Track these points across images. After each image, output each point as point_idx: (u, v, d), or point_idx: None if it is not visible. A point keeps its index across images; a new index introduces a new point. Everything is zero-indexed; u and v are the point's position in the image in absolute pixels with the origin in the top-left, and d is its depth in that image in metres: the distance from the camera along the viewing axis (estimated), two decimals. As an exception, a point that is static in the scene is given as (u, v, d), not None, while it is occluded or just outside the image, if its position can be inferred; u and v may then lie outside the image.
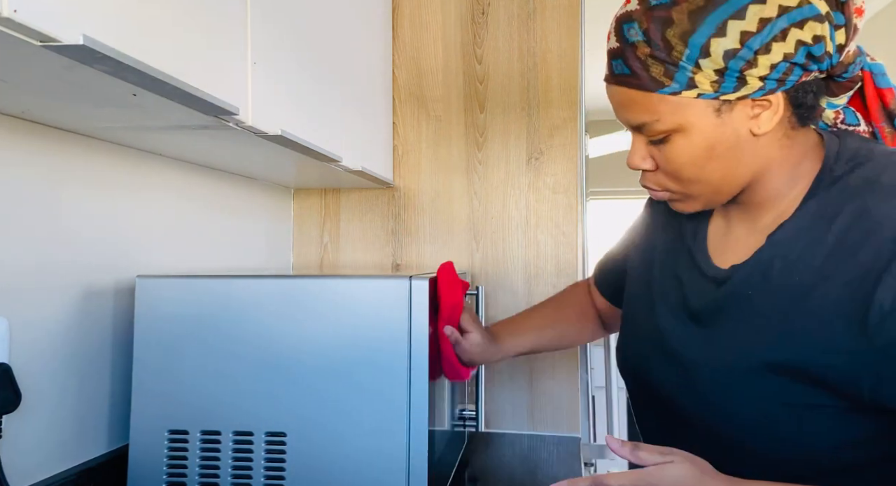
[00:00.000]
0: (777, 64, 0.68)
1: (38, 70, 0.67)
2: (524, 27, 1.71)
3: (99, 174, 1.08)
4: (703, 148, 0.73)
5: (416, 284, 1.00)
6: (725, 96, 0.70)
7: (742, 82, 0.69)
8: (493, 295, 1.71)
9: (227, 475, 1.00)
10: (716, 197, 0.79)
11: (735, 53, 0.68)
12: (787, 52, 0.68)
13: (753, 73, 0.69)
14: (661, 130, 0.74)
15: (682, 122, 0.72)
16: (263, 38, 0.99)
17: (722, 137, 0.72)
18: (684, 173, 0.76)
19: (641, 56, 0.71)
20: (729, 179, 0.76)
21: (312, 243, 1.81)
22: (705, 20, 0.68)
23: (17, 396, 0.85)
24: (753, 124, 0.72)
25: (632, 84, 0.73)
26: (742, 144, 0.73)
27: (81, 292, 1.04)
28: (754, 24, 0.67)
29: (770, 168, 0.76)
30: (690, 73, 0.69)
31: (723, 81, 0.69)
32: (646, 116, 0.74)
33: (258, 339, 1.01)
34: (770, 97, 0.71)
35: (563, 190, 1.70)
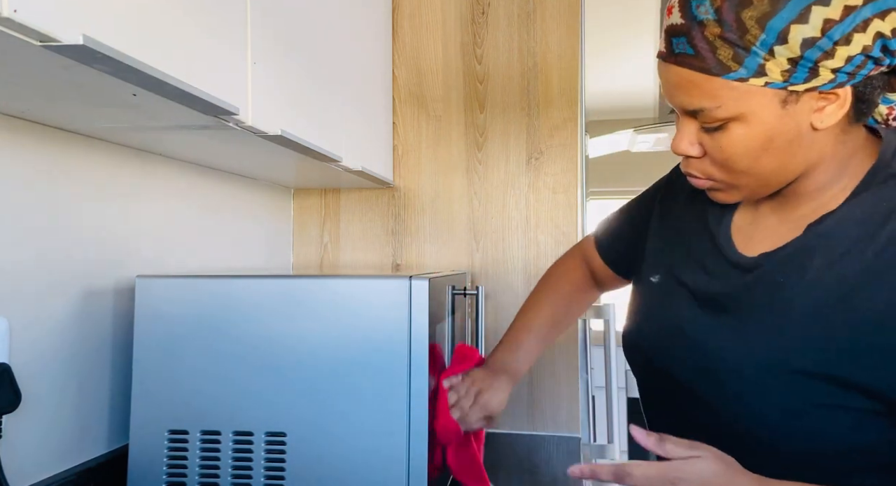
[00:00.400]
0: (854, 57, 0.64)
1: (38, 70, 0.67)
2: (524, 27, 1.71)
3: (99, 174, 1.08)
4: (761, 139, 0.69)
5: (416, 284, 1.00)
6: (794, 87, 0.66)
7: (814, 74, 0.65)
8: (493, 295, 1.70)
9: (227, 475, 1.00)
10: (761, 190, 0.75)
11: (814, 42, 0.63)
12: (867, 43, 0.63)
13: (828, 64, 0.64)
14: (721, 117, 0.69)
15: (745, 110, 0.68)
16: (263, 38, 0.99)
17: (783, 129, 0.68)
18: (736, 164, 0.72)
19: (710, 36, 0.66)
20: (780, 172, 0.72)
21: (312, 243, 1.81)
22: (788, 4, 0.63)
23: (17, 396, 0.85)
24: (816, 118, 0.68)
25: (694, 66, 0.68)
26: (801, 138, 0.69)
27: (81, 292, 1.04)
28: (838, 11, 0.62)
29: (819, 163, 0.72)
30: (762, 59, 0.65)
31: (795, 70, 0.65)
32: (706, 101, 0.69)
33: (258, 339, 1.01)
34: (838, 90, 0.67)
35: (562, 190, 1.70)
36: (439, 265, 1.74)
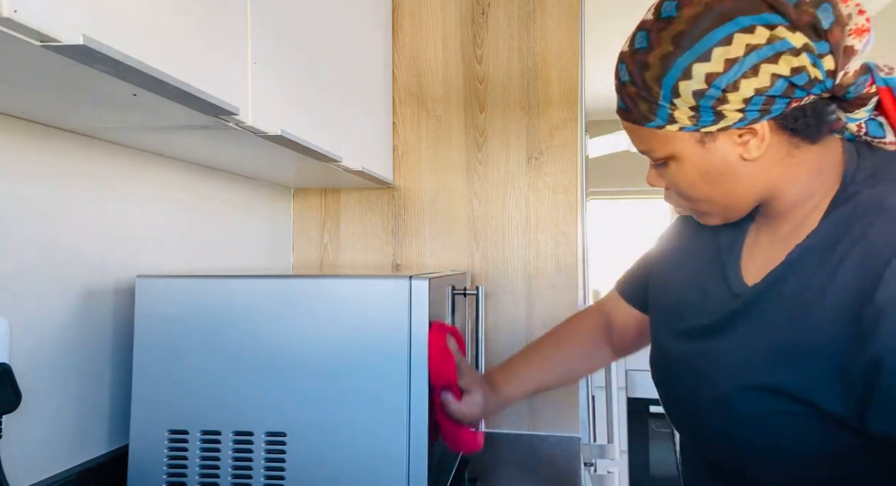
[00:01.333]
0: (750, 98, 0.71)
1: (38, 70, 0.67)
2: (524, 27, 1.71)
3: (99, 174, 1.08)
4: (696, 174, 0.78)
5: (416, 284, 1.00)
6: (706, 128, 0.75)
7: (719, 116, 0.73)
8: (493, 295, 1.70)
9: (227, 475, 1.00)
10: (729, 213, 0.82)
11: (703, 93, 0.72)
12: (759, 86, 0.71)
13: (727, 107, 0.72)
14: (657, 158, 0.80)
15: (672, 151, 0.78)
16: (263, 38, 0.99)
17: (710, 164, 0.77)
18: (688, 194, 0.81)
19: (631, 94, 0.78)
20: (733, 198, 0.79)
21: (312, 243, 1.81)
22: (674, 64, 0.72)
23: (17, 396, 0.85)
24: (742, 151, 0.75)
25: (628, 118, 0.80)
26: (735, 169, 0.77)
27: (81, 293, 1.04)
28: (720, 65, 0.70)
29: (779, 185, 0.78)
30: (669, 109, 0.75)
31: (699, 115, 0.74)
32: (643, 145, 0.81)
33: (258, 339, 1.01)
34: (755, 126, 0.74)
35: (563, 190, 1.70)
36: (439, 265, 1.74)
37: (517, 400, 1.15)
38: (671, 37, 0.73)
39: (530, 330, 1.69)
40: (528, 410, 1.68)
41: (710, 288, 0.86)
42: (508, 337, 1.70)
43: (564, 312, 1.68)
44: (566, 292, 1.69)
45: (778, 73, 0.70)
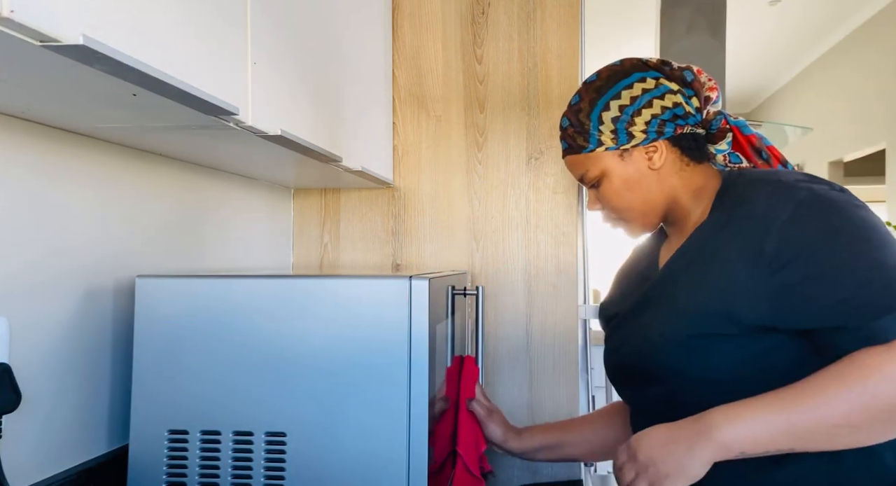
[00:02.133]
0: (649, 121, 1.04)
1: (38, 70, 0.67)
2: (524, 27, 1.71)
3: (99, 174, 1.08)
4: (619, 183, 1.07)
5: (416, 284, 1.00)
6: (623, 146, 1.05)
7: (630, 136, 1.04)
8: (493, 295, 1.70)
9: (227, 475, 1.00)
10: (646, 219, 1.09)
11: (619, 118, 1.04)
12: (654, 113, 1.04)
13: (635, 128, 1.04)
14: (592, 177, 1.08)
15: (602, 168, 1.07)
16: (263, 38, 0.99)
17: (629, 173, 1.06)
18: (616, 204, 1.08)
19: (570, 134, 1.09)
20: (648, 203, 1.07)
21: (312, 243, 1.81)
22: (598, 103, 1.06)
23: (17, 396, 0.85)
24: (650, 163, 1.05)
25: (569, 152, 1.10)
26: (647, 177, 1.06)
27: (81, 293, 1.04)
28: (627, 99, 1.04)
29: (677, 193, 1.07)
30: (597, 135, 1.06)
31: (617, 137, 1.05)
32: (581, 170, 1.10)
33: (258, 339, 1.01)
34: (656, 144, 1.05)
35: (563, 190, 1.70)
36: (439, 265, 1.74)
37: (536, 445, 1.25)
38: (595, 89, 1.07)
39: (530, 330, 1.69)
40: (528, 410, 1.68)
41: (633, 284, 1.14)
42: (508, 337, 1.70)
43: (564, 312, 1.69)
44: (566, 292, 1.69)
45: (665, 105, 1.04)
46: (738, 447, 0.87)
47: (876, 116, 4.68)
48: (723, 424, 0.87)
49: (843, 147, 5.20)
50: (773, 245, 0.91)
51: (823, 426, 0.84)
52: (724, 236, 0.97)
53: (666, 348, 0.99)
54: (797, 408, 0.85)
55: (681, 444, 0.90)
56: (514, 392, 1.69)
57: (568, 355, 1.68)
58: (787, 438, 0.86)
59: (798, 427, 0.85)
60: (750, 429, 0.86)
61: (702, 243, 1.01)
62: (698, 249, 1.01)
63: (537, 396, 1.68)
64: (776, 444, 0.86)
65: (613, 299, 1.20)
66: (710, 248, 0.99)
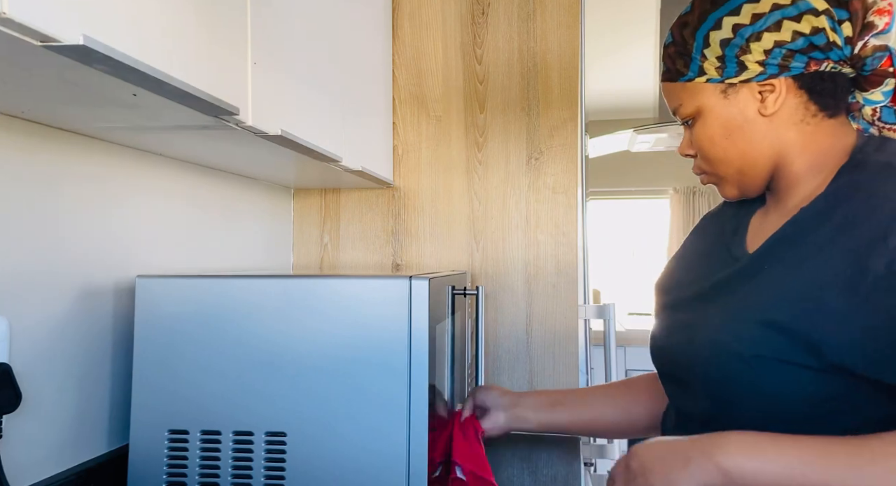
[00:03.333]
0: (770, 50, 0.80)
1: (38, 70, 0.67)
2: (524, 27, 1.71)
3: (99, 174, 1.08)
4: (717, 127, 0.85)
5: (416, 284, 1.00)
6: (730, 80, 0.83)
7: (742, 67, 0.82)
8: (493, 295, 1.70)
9: (227, 475, 1.00)
10: (743, 179, 0.87)
11: (729, 41, 0.81)
12: (779, 39, 0.79)
13: (749, 58, 0.81)
14: (686, 113, 0.88)
15: (698, 104, 0.86)
16: (263, 38, 0.99)
17: (730, 116, 0.84)
18: (708, 152, 0.88)
19: (671, 53, 0.88)
20: (748, 158, 0.85)
21: (312, 243, 1.81)
22: (707, 18, 0.84)
23: (17, 396, 0.85)
24: (761, 106, 0.83)
25: (665, 78, 0.90)
26: (752, 124, 0.83)
27: (81, 292, 1.04)
28: (747, 17, 0.81)
29: (789, 151, 0.84)
30: (699, 61, 0.84)
31: (724, 66, 0.83)
32: (675, 102, 0.90)
33: (258, 339, 1.01)
34: (773, 81, 0.82)
35: (563, 190, 1.70)
36: (439, 265, 1.74)
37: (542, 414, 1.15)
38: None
39: (530, 330, 1.69)
40: (528, 410, 1.68)
41: (712, 261, 0.92)
42: (508, 337, 1.70)
43: (564, 312, 1.69)
44: (566, 292, 1.69)
45: (799, 30, 0.78)
46: (739, 480, 0.71)
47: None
48: (733, 449, 0.72)
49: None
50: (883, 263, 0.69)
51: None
52: (830, 234, 0.75)
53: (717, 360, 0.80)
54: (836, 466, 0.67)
55: (678, 458, 0.75)
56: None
57: (568, 356, 1.68)
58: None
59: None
60: (765, 465, 0.70)
61: (801, 234, 0.79)
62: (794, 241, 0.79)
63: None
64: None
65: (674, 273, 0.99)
66: (808, 246, 0.77)
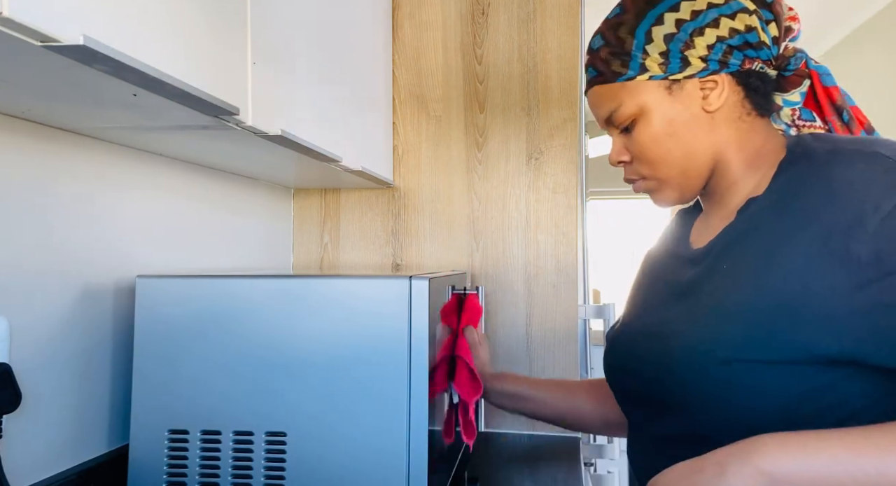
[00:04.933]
0: (713, 45, 0.79)
1: (38, 70, 0.67)
2: (524, 27, 1.71)
3: (99, 174, 1.08)
4: (661, 125, 0.82)
5: (416, 284, 1.00)
6: (673, 76, 0.81)
7: (685, 63, 0.80)
8: (493, 295, 1.70)
9: (227, 475, 1.00)
10: (685, 180, 0.85)
11: (673, 36, 0.80)
12: (720, 35, 0.79)
13: (693, 53, 0.80)
14: (626, 114, 0.84)
15: (641, 103, 0.83)
16: (263, 38, 0.99)
17: (676, 113, 0.82)
18: (651, 153, 0.84)
19: (603, 56, 0.85)
20: (691, 157, 0.83)
21: (312, 243, 1.81)
22: (646, 15, 0.82)
23: (17, 396, 0.85)
24: (704, 103, 0.81)
25: (598, 81, 0.86)
26: (697, 121, 0.82)
27: (81, 292, 1.04)
28: (687, 13, 0.80)
29: (727, 149, 0.83)
30: (641, 59, 0.82)
31: (668, 62, 0.81)
32: (612, 105, 0.85)
33: (258, 339, 1.01)
34: (716, 77, 0.81)
35: (562, 190, 1.70)
36: (439, 265, 1.74)
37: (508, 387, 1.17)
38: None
39: (530, 330, 1.69)
40: (528, 410, 1.68)
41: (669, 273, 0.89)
42: (508, 337, 1.70)
43: (564, 312, 1.69)
44: (566, 292, 1.69)
45: (735, 27, 0.80)
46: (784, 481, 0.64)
47: (876, 116, 4.68)
48: (770, 447, 0.65)
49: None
50: (868, 247, 0.66)
51: None
52: (792, 223, 0.73)
53: (694, 374, 0.75)
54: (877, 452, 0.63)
55: (707, 471, 0.67)
56: (514, 392, 1.69)
57: (568, 355, 1.68)
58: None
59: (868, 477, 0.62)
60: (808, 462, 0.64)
61: (757, 228, 0.77)
62: (752, 235, 0.77)
63: (537, 396, 1.68)
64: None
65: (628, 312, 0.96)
66: (769, 237, 0.75)
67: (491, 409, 1.69)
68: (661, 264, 0.93)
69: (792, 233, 0.72)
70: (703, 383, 0.74)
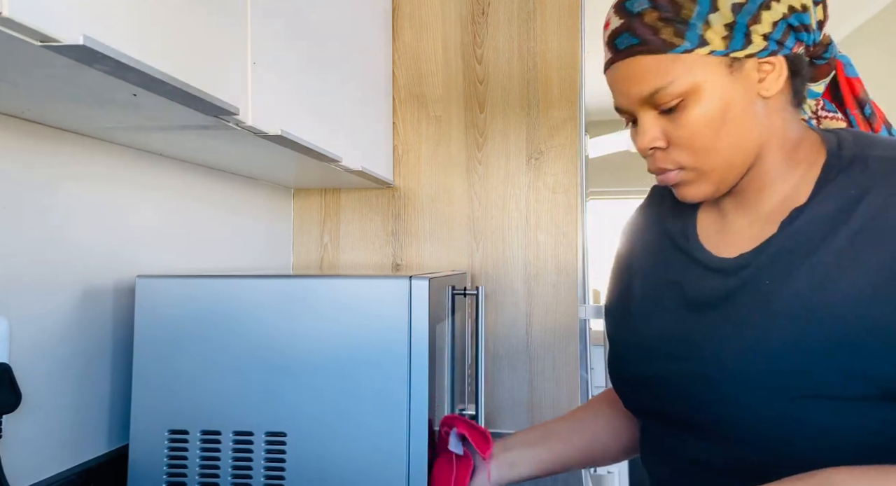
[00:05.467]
0: (777, 22, 0.71)
1: (38, 70, 0.67)
2: (524, 27, 1.71)
3: (99, 174, 1.08)
4: (717, 108, 0.72)
5: (416, 284, 1.00)
6: (735, 53, 0.71)
7: (748, 40, 0.71)
8: (493, 295, 1.70)
9: (227, 475, 1.00)
10: (727, 173, 0.75)
11: (741, 7, 0.70)
12: (784, 12, 0.71)
13: (758, 29, 0.71)
14: (676, 92, 0.72)
15: (697, 80, 0.71)
16: (263, 38, 0.99)
17: (735, 95, 0.72)
18: (699, 140, 0.73)
19: (650, 22, 0.71)
20: (740, 147, 0.74)
21: (312, 243, 1.81)
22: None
23: (17, 396, 0.85)
24: (762, 87, 0.73)
25: (642, 51, 0.72)
26: (753, 107, 0.73)
27: (81, 292, 1.04)
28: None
29: (772, 142, 0.75)
30: (701, 29, 0.70)
31: (732, 36, 0.70)
32: (659, 80, 0.72)
33: (258, 339, 1.01)
34: (773, 59, 0.72)
35: (563, 190, 1.70)
36: (439, 265, 1.74)
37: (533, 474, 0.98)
38: None
39: (530, 330, 1.69)
40: (528, 410, 1.68)
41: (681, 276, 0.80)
42: (508, 337, 1.70)
43: (565, 312, 1.69)
44: (566, 292, 1.69)
45: (793, 4, 0.71)
46: None
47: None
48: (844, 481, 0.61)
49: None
50: None
51: None
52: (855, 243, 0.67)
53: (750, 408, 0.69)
54: None
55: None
56: (514, 392, 1.69)
57: (568, 356, 1.68)
58: None
59: None
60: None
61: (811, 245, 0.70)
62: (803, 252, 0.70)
63: (537, 396, 1.68)
64: None
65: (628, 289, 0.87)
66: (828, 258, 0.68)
67: (490, 407, 1.69)
68: (664, 263, 0.84)
69: (856, 255, 0.66)
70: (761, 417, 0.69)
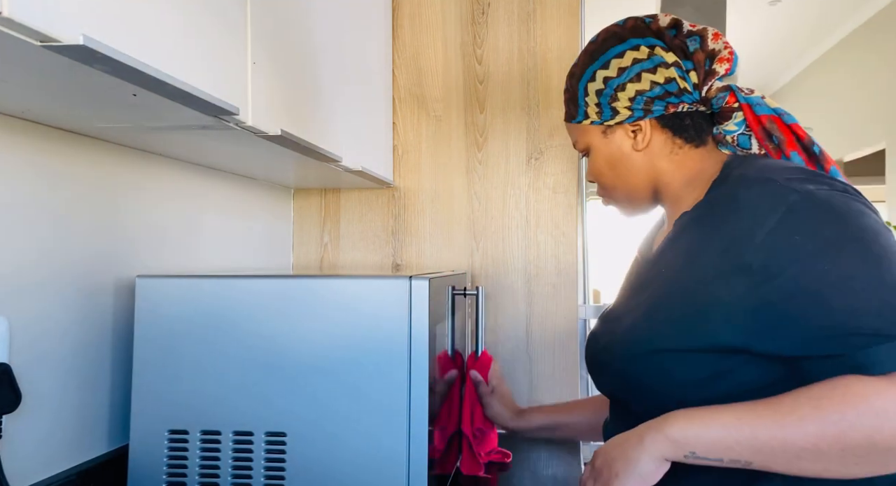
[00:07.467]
0: (634, 97, 0.97)
1: (38, 70, 0.67)
2: (524, 27, 1.71)
3: (99, 174, 1.08)
4: (602, 161, 1.03)
5: (416, 284, 1.00)
6: (607, 122, 1.00)
7: (614, 112, 0.99)
8: (493, 295, 1.70)
9: (227, 475, 1.00)
10: (632, 201, 1.05)
11: (601, 91, 0.99)
12: (640, 89, 0.96)
13: (618, 104, 0.98)
14: (581, 149, 1.06)
15: (587, 141, 1.04)
16: (263, 38, 0.99)
17: (611, 152, 1.02)
18: (602, 180, 1.05)
19: (566, 99, 1.06)
20: (632, 184, 1.02)
21: (312, 243, 1.81)
22: (586, 71, 1.01)
23: (17, 396, 0.85)
24: (634, 143, 1.00)
25: (565, 118, 1.07)
26: (630, 158, 1.01)
27: (82, 292, 1.04)
28: (614, 71, 0.98)
29: (664, 177, 1.00)
30: (584, 107, 1.02)
31: (602, 111, 1.00)
32: (572, 138, 1.08)
33: (258, 339, 1.01)
34: (640, 123, 0.99)
35: (563, 190, 1.70)
36: (439, 265, 1.74)
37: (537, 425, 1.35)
38: (589, 53, 1.02)
39: (530, 330, 1.69)
40: (528, 410, 1.68)
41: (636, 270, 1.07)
42: (508, 337, 1.70)
43: (564, 312, 1.69)
44: (566, 292, 1.69)
45: (655, 80, 0.96)
46: (687, 446, 0.81)
47: (876, 116, 4.68)
48: (678, 420, 0.82)
49: (843, 147, 5.20)
50: (757, 257, 0.81)
51: (787, 446, 0.77)
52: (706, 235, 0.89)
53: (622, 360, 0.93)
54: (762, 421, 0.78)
55: (632, 440, 0.86)
56: (514, 392, 1.69)
57: (568, 355, 1.68)
58: (745, 449, 0.79)
59: (759, 441, 0.78)
60: (706, 430, 0.81)
61: (683, 237, 0.94)
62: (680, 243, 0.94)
63: (537, 396, 1.68)
64: (732, 452, 0.79)
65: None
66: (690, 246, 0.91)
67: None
68: (635, 263, 1.10)
69: (705, 243, 0.88)
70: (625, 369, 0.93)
